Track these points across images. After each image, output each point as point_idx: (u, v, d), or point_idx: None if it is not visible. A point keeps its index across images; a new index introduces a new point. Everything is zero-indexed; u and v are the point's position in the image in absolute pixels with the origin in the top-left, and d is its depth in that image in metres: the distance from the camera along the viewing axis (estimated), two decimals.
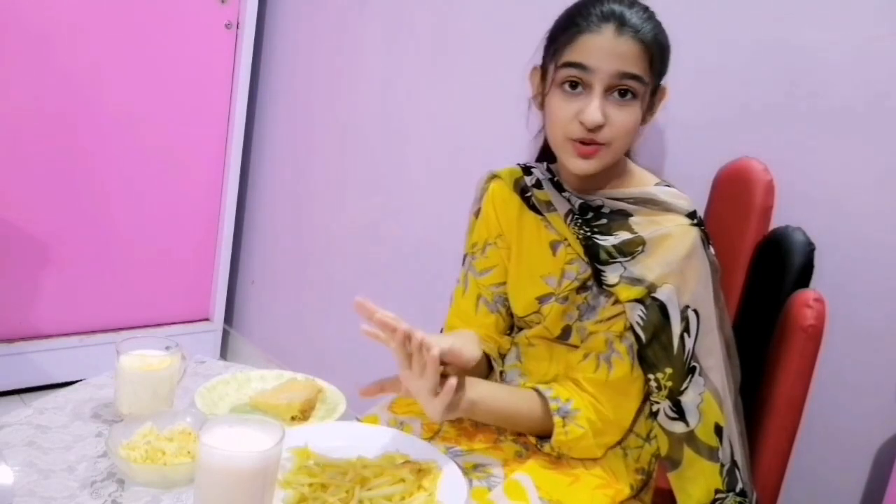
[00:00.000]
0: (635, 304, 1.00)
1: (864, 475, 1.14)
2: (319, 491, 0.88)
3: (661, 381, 1.00)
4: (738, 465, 1.02)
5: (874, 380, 1.12)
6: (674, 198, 1.04)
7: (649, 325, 1.00)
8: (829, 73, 1.16)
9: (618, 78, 0.97)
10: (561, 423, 1.01)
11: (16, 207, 2.06)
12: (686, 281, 1.00)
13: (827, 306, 1.01)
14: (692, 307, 1.00)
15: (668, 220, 1.02)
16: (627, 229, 1.03)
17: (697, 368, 1.00)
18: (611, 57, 0.97)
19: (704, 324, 1.00)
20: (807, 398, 1.03)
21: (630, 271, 1.01)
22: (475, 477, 0.98)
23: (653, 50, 0.98)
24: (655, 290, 0.99)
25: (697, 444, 1.00)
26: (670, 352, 0.99)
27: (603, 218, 1.06)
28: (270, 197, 2.46)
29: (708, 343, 1.01)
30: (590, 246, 1.04)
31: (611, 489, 1.02)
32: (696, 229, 1.01)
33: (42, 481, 0.92)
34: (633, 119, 0.99)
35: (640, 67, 0.97)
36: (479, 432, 1.11)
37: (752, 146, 1.18)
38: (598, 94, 0.97)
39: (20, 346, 2.13)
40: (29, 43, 1.99)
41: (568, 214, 1.08)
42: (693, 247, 1.00)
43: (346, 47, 2.13)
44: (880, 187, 1.11)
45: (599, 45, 0.97)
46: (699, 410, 1.00)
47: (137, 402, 1.06)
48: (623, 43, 0.97)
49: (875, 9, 1.11)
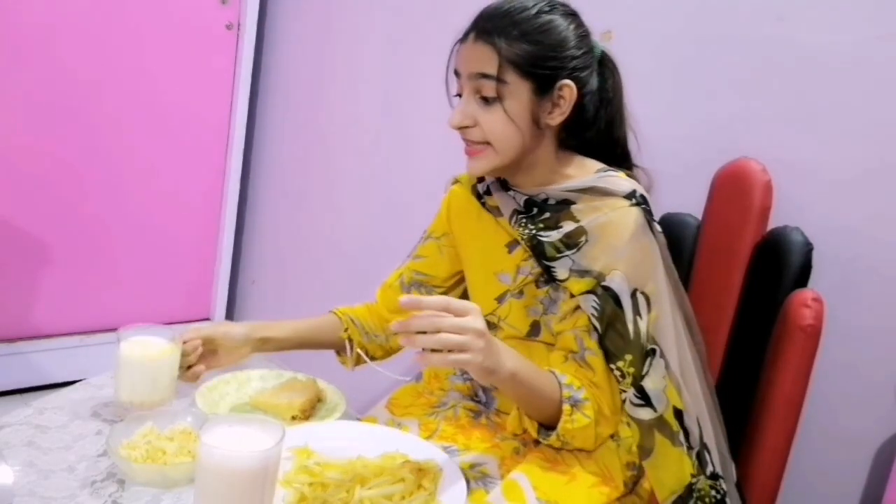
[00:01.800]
0: (588, 296, 1.01)
1: (862, 474, 1.14)
2: (319, 490, 0.89)
3: (623, 369, 1.00)
4: (709, 448, 1.01)
5: (872, 379, 1.12)
6: (611, 183, 1.04)
7: (604, 316, 1.00)
8: (829, 74, 1.16)
9: (475, 79, 1.02)
10: (569, 411, 1.00)
11: (16, 207, 2.06)
12: (633, 264, 1.00)
13: (825, 306, 1.02)
14: (640, 290, 1.00)
15: (607, 204, 1.03)
16: (571, 218, 1.04)
17: (657, 350, 1.00)
18: (468, 61, 1.03)
19: (656, 304, 1.01)
20: (805, 398, 1.03)
21: (578, 263, 1.02)
22: (471, 477, 0.98)
23: (510, 50, 0.99)
24: (604, 279, 1.00)
25: (666, 430, 1.00)
26: (627, 338, 1.00)
27: (547, 211, 1.07)
28: (271, 197, 2.46)
29: (662, 325, 1.01)
30: (535, 245, 1.06)
31: (606, 487, 1.02)
32: (635, 209, 1.02)
33: (42, 481, 0.92)
34: (499, 118, 1.01)
35: (491, 67, 1.00)
36: (476, 429, 1.11)
37: (750, 147, 1.18)
38: (465, 96, 1.04)
39: (20, 345, 2.13)
40: (30, 43, 1.99)
41: (513, 215, 1.10)
42: (635, 228, 1.01)
43: (347, 48, 2.13)
44: (878, 187, 1.11)
45: (462, 51, 1.05)
46: (665, 395, 1.00)
47: (136, 391, 1.05)
48: (478, 47, 1.02)
49: (875, 9, 1.11)
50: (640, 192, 1.04)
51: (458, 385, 1.20)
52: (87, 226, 2.20)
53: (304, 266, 2.32)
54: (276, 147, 2.43)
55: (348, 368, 1.26)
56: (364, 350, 1.23)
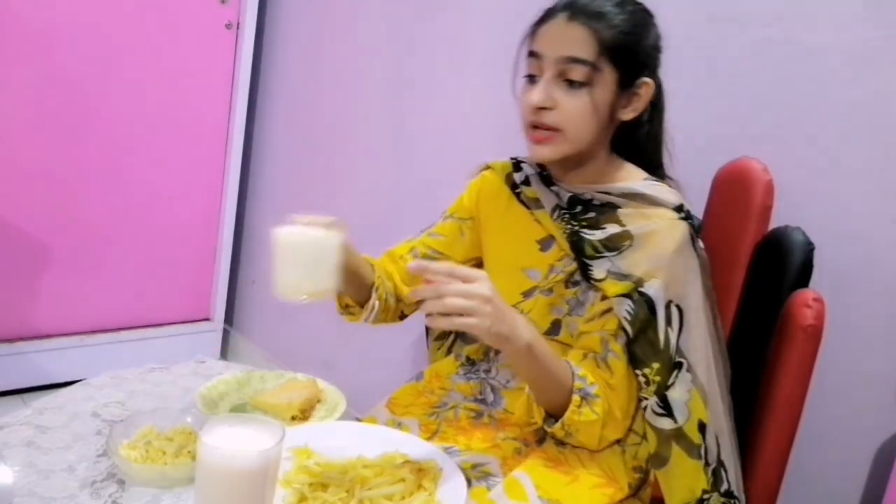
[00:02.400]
0: (623, 299, 1.00)
1: (863, 475, 1.14)
2: (319, 490, 0.88)
3: (648, 376, 1.00)
4: (725, 466, 1.01)
5: (873, 379, 1.12)
6: (661, 192, 1.04)
7: (636, 320, 1.00)
8: (829, 73, 1.16)
9: (563, 63, 0.99)
10: (578, 402, 0.99)
11: (16, 207, 2.06)
12: (673, 276, 1.00)
13: (826, 306, 1.01)
14: (675, 302, 1.00)
15: (656, 214, 1.02)
16: (616, 222, 1.03)
17: (684, 364, 1.00)
18: (557, 43, 1.00)
19: (689, 319, 1.00)
20: (806, 398, 1.03)
21: (617, 266, 1.01)
22: (473, 477, 0.98)
23: (606, 36, 0.98)
24: (643, 285, 0.99)
25: (685, 442, 1.00)
26: (657, 346, 0.99)
27: (591, 211, 1.06)
28: (271, 197, 2.46)
29: (694, 339, 1.01)
30: (576, 241, 1.05)
31: (609, 488, 1.02)
32: (684, 224, 1.01)
33: (42, 481, 0.92)
34: (583, 105, 0.99)
35: (587, 52, 0.98)
36: (477, 430, 1.11)
37: (751, 146, 1.18)
38: (545, 78, 1.00)
39: (20, 346, 2.13)
40: (29, 43, 1.99)
41: (555, 210, 1.09)
42: (681, 242, 1.00)
43: (347, 47, 2.13)
44: (880, 187, 1.11)
45: (549, 31, 1.01)
46: (688, 407, 1.00)
47: (297, 280, 0.95)
48: (572, 28, 0.99)
49: (875, 9, 1.11)
50: (686, 207, 1.04)
51: (459, 385, 1.19)
52: (86, 226, 2.19)
53: None
54: (275, 146, 2.43)
55: (350, 320, 1.18)
56: (382, 304, 1.15)
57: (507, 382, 1.14)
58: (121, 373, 1.24)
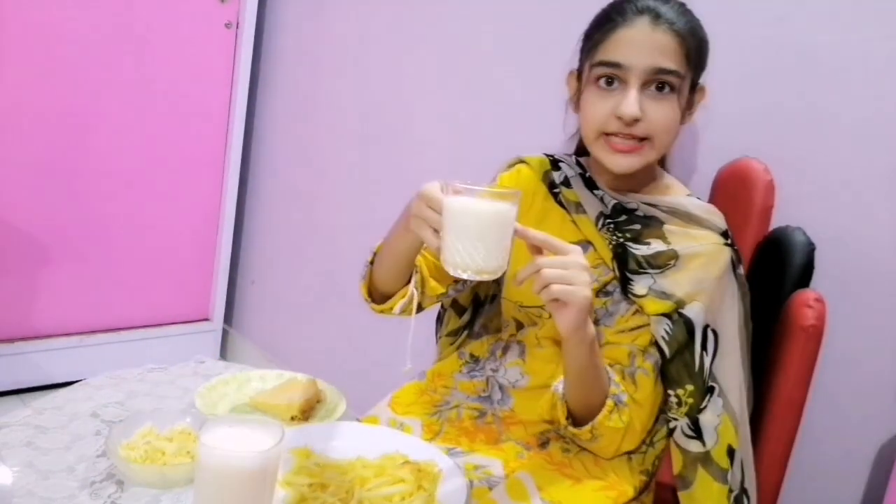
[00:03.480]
0: (661, 319, 0.99)
1: (864, 475, 1.14)
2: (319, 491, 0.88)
3: (681, 398, 1.00)
4: (748, 494, 1.01)
5: (874, 380, 1.12)
6: (708, 213, 1.03)
7: (674, 341, 0.99)
8: (830, 73, 1.16)
9: (654, 73, 0.96)
10: (611, 407, 0.98)
11: (16, 207, 2.06)
12: (713, 301, 0.99)
13: (827, 306, 1.01)
14: (712, 327, 1.00)
15: (702, 236, 1.01)
16: (661, 237, 1.02)
17: (716, 389, 1.00)
18: (646, 51, 0.96)
19: (724, 345, 1.00)
20: (807, 398, 1.03)
21: (660, 284, 1.00)
22: (475, 478, 0.98)
23: (689, 43, 0.97)
24: (684, 307, 0.99)
25: (712, 467, 1.00)
26: (692, 368, 0.99)
27: (636, 223, 1.04)
28: (270, 196, 2.46)
29: (727, 365, 1.00)
30: (620, 253, 1.03)
31: (613, 491, 1.01)
32: (728, 250, 1.01)
33: (41, 482, 0.91)
34: (672, 113, 0.98)
35: (676, 61, 0.96)
36: (480, 432, 1.10)
37: (752, 146, 1.18)
38: (634, 87, 0.96)
39: (19, 346, 2.13)
40: (29, 43, 1.99)
41: (599, 217, 1.07)
42: (725, 268, 1.00)
43: (346, 46, 2.13)
44: (881, 187, 1.11)
45: (634, 39, 0.97)
46: (717, 432, 0.99)
47: (471, 253, 0.86)
48: (658, 36, 0.96)
49: (876, 9, 1.11)
50: (731, 233, 1.03)
51: (463, 383, 1.18)
52: (86, 226, 2.19)
53: (304, 266, 2.32)
54: (275, 145, 2.43)
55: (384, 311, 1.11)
56: (420, 291, 1.09)
57: (515, 382, 1.13)
58: (120, 373, 1.24)
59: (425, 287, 1.12)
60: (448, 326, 1.28)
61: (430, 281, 1.14)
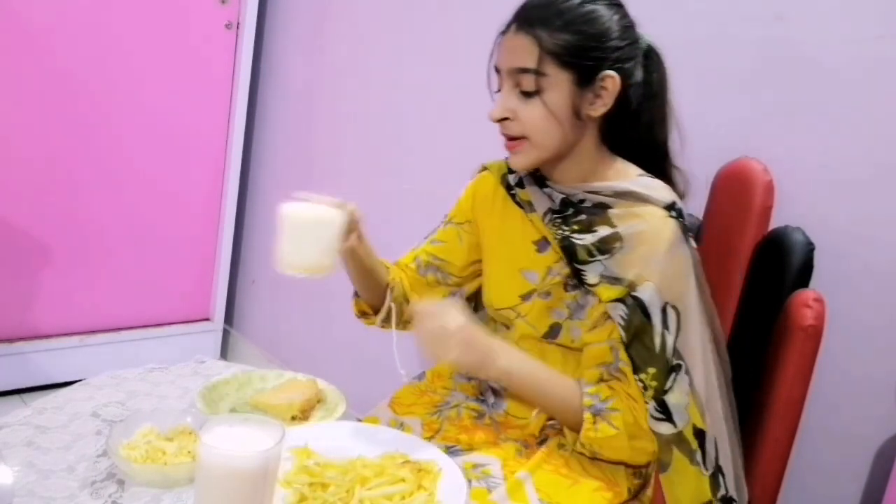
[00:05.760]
0: (616, 304, 1.00)
1: (863, 475, 1.14)
2: (319, 490, 0.88)
3: (645, 382, 0.99)
4: (723, 471, 1.00)
5: (874, 380, 1.12)
6: (652, 189, 1.03)
7: (631, 326, 0.99)
8: (829, 73, 1.16)
9: (514, 74, 1.01)
10: (591, 420, 1.00)
11: (16, 207, 2.06)
12: (666, 278, 0.99)
13: (826, 306, 1.01)
14: (672, 304, 0.99)
15: (646, 212, 1.01)
16: (607, 223, 1.03)
17: (682, 366, 0.99)
18: (507, 54, 1.02)
19: (686, 321, 1.00)
20: (806, 398, 1.03)
21: (610, 269, 1.01)
22: (474, 477, 0.98)
23: (549, 40, 0.98)
24: (636, 289, 0.99)
25: (686, 447, 1.00)
26: (653, 351, 0.99)
27: (582, 213, 1.05)
28: (270, 196, 2.46)
29: (690, 340, 1.00)
30: (567, 246, 1.04)
31: (610, 492, 1.01)
32: (673, 221, 1.00)
33: (42, 481, 0.91)
34: (539, 112, 1.00)
35: (531, 60, 0.99)
36: (479, 429, 1.11)
37: (751, 146, 1.18)
38: (504, 89, 1.03)
39: (20, 346, 2.13)
40: (29, 43, 1.99)
41: (546, 213, 1.08)
42: (672, 241, 0.99)
43: (347, 47, 2.13)
44: (880, 187, 1.11)
45: (503, 45, 1.03)
46: (687, 412, 0.99)
47: (303, 255, 0.98)
48: (517, 39, 1.00)
49: (875, 9, 1.11)
50: (678, 205, 1.03)
51: (462, 385, 1.19)
52: (86, 226, 2.19)
53: None
54: (275, 146, 2.43)
55: (368, 323, 1.22)
56: (398, 307, 1.18)
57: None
58: (121, 373, 1.24)
59: (410, 301, 1.20)
60: None
61: (413, 294, 1.21)
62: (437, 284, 1.23)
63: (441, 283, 1.23)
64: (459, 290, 1.25)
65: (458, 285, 1.24)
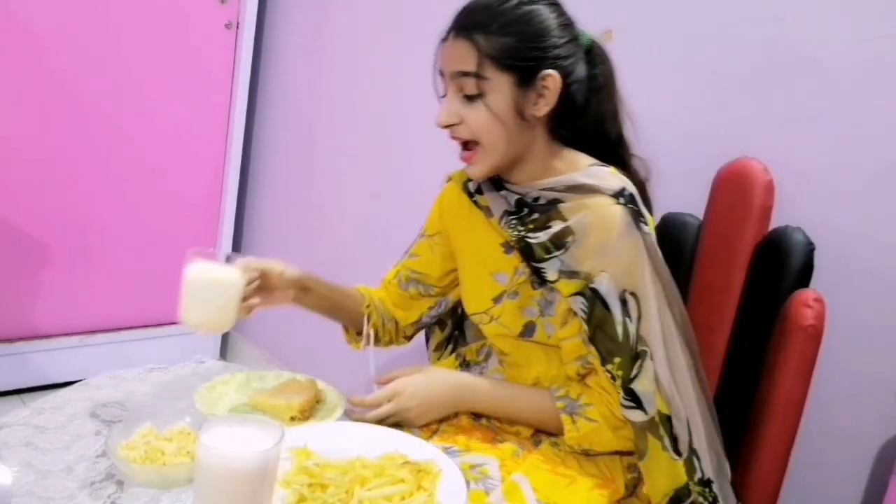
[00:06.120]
0: (576, 298, 1.01)
1: (864, 475, 1.14)
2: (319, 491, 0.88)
3: (613, 372, 1.00)
4: (698, 454, 1.00)
5: (874, 380, 1.12)
6: (600, 179, 1.03)
7: (592, 318, 1.00)
8: (829, 74, 1.16)
9: (456, 78, 1.02)
10: (570, 421, 1.02)
11: (16, 207, 2.06)
12: (621, 266, 0.99)
13: (826, 306, 1.01)
14: (630, 291, 1.00)
15: (594, 203, 1.01)
16: (559, 218, 1.04)
17: (647, 352, 0.99)
18: (448, 60, 1.03)
19: (646, 306, 1.00)
20: (806, 398, 1.03)
21: (566, 264, 1.02)
22: (472, 478, 0.98)
23: (485, 44, 0.99)
24: (592, 281, 1.00)
25: (657, 433, 1.00)
26: (616, 341, 0.99)
27: (537, 212, 1.06)
28: (270, 197, 2.46)
29: (651, 325, 1.00)
30: (524, 247, 1.05)
31: (607, 489, 1.02)
32: (620, 208, 1.00)
33: (41, 482, 0.91)
34: (483, 115, 1.01)
35: (470, 64, 1.00)
36: (476, 430, 1.11)
37: (751, 146, 1.18)
38: (448, 96, 1.04)
39: (19, 346, 2.13)
40: (28, 43, 1.99)
41: (503, 216, 1.09)
42: (621, 228, 1.00)
43: (346, 47, 2.13)
44: (880, 187, 1.11)
45: (444, 50, 1.05)
46: (656, 397, 0.99)
47: (203, 313, 1.05)
48: (457, 44, 1.02)
49: (875, 9, 1.11)
50: (628, 191, 1.02)
51: None
52: (86, 226, 2.20)
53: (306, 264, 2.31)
54: (275, 146, 2.43)
55: (357, 348, 1.27)
56: (375, 330, 1.23)
57: None
58: (120, 373, 1.24)
59: (396, 318, 1.27)
60: (434, 341, 1.35)
61: (399, 312, 1.27)
62: (420, 297, 1.27)
63: (423, 294, 1.27)
64: (444, 299, 1.28)
65: (440, 295, 1.27)
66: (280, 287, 1.14)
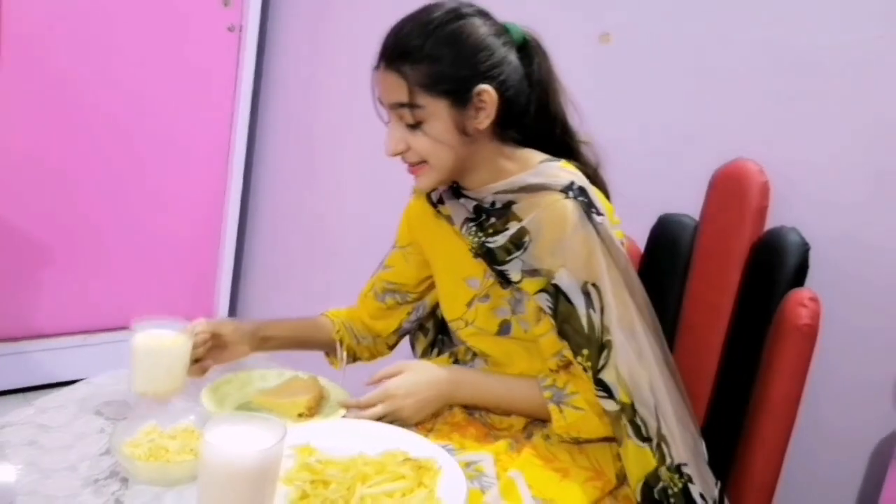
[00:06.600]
0: (541, 295, 1.02)
1: (859, 474, 1.15)
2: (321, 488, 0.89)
3: (583, 363, 1.01)
4: (667, 441, 1.00)
5: (868, 379, 1.13)
6: (549, 176, 1.03)
7: (558, 313, 1.01)
8: (827, 74, 1.17)
9: (394, 108, 1.03)
10: (557, 410, 1.03)
11: (19, 208, 2.07)
12: (578, 259, 1.00)
13: (821, 306, 1.02)
14: (591, 282, 1.00)
15: (544, 200, 1.02)
16: (515, 219, 1.04)
17: (612, 342, 1.00)
18: (382, 91, 1.04)
19: (606, 296, 1.00)
20: (802, 397, 1.03)
21: (527, 263, 1.03)
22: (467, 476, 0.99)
23: (413, 74, 0.99)
24: (553, 277, 1.01)
25: (622, 421, 1.01)
26: (582, 334, 1.00)
27: (493, 216, 1.07)
28: (273, 198, 2.47)
29: (613, 315, 1.01)
30: (485, 252, 1.06)
31: (599, 481, 1.03)
32: (570, 203, 1.00)
33: (44, 480, 0.92)
34: (426, 141, 1.02)
35: (404, 95, 1.00)
36: (471, 426, 1.12)
37: (747, 147, 1.19)
38: (391, 125, 1.05)
39: (23, 345, 2.14)
40: (30, 45, 2.00)
41: (463, 224, 1.10)
42: (573, 221, 1.00)
43: (348, 49, 2.14)
44: (875, 188, 1.12)
45: (377, 80, 1.05)
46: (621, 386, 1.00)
47: (151, 381, 1.06)
48: (387, 76, 1.02)
49: (874, 10, 1.12)
50: (577, 184, 1.03)
51: None
52: (90, 226, 2.20)
53: (307, 266, 2.33)
54: (277, 148, 2.44)
55: (338, 369, 1.28)
56: (353, 352, 1.27)
57: None
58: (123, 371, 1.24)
59: (373, 332, 1.31)
60: (419, 347, 1.36)
61: (376, 324, 1.29)
62: (398, 306, 1.29)
63: (401, 303, 1.29)
64: (421, 303, 1.29)
65: (417, 300, 1.29)
66: (234, 342, 1.17)
